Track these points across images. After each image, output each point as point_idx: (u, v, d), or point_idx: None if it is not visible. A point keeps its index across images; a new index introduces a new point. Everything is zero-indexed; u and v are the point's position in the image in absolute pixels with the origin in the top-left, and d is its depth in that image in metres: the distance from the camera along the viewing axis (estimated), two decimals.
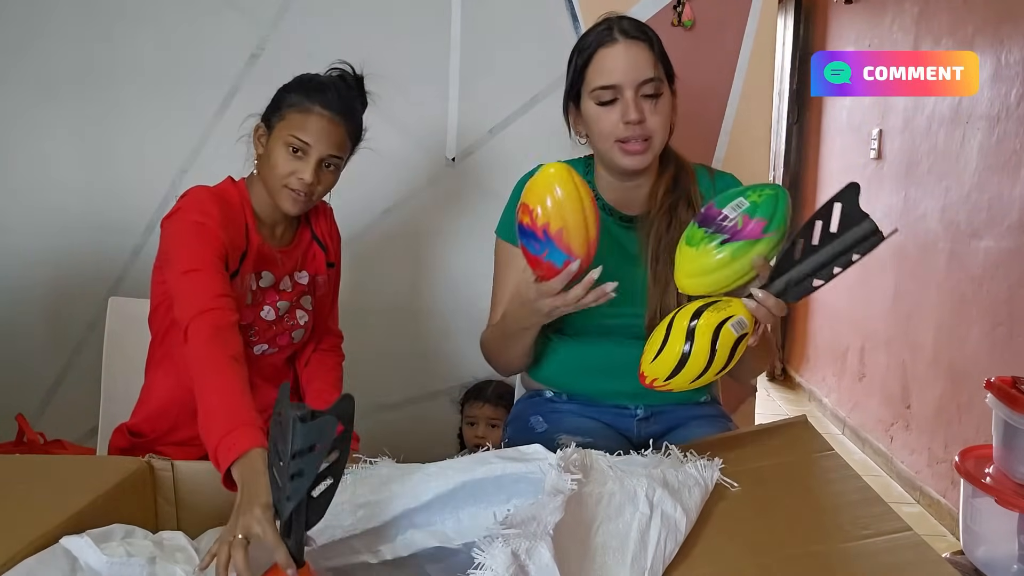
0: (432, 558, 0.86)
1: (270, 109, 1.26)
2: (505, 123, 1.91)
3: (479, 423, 1.91)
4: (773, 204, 0.95)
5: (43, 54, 1.90)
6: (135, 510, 0.89)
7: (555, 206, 0.94)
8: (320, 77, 1.27)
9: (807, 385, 3.86)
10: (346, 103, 1.25)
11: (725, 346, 0.93)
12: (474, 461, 0.83)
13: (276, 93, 1.26)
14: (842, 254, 0.91)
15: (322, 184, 1.23)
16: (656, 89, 1.16)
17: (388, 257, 2.00)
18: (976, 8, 2.36)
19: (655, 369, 0.97)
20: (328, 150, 1.21)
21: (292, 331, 1.33)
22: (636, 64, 1.15)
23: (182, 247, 1.16)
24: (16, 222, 1.95)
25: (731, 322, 0.93)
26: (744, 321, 0.94)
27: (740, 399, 2.00)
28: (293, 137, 1.19)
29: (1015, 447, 1.68)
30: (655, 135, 1.17)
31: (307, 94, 1.22)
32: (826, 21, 3.66)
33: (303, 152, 1.20)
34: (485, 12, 1.89)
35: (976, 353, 2.32)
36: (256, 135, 1.27)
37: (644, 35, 1.18)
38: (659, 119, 1.17)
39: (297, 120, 1.20)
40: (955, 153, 2.46)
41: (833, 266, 0.92)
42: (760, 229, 0.94)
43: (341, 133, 1.23)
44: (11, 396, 1.96)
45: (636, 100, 1.15)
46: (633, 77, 1.15)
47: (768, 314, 0.95)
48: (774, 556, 0.74)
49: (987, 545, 1.80)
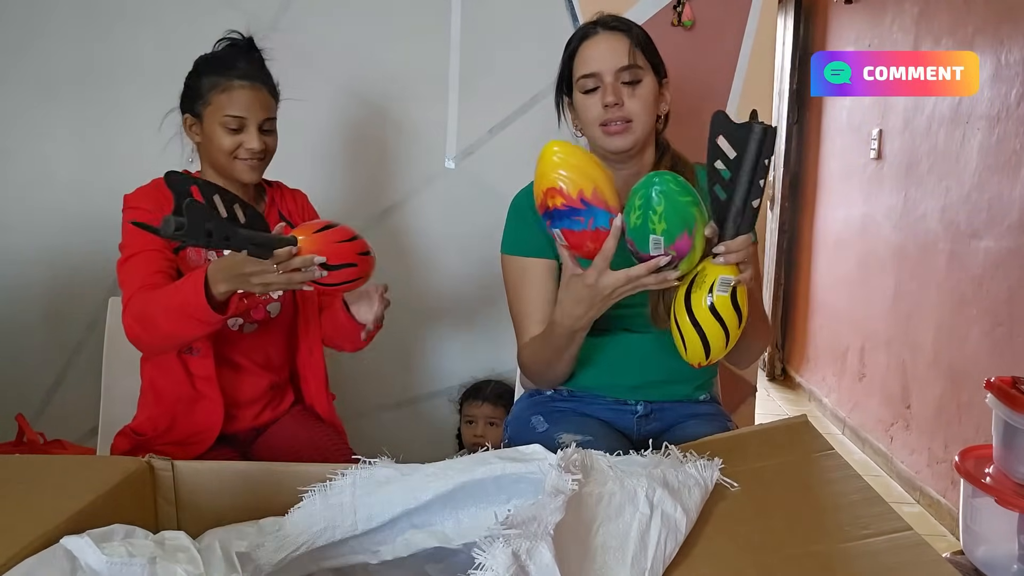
0: (432, 558, 0.86)
1: (189, 99, 1.30)
2: (505, 123, 1.91)
3: (478, 422, 1.91)
4: (674, 211, 0.95)
5: (43, 54, 1.90)
6: (135, 510, 0.89)
7: (575, 171, 0.98)
8: (218, 54, 1.32)
9: (807, 385, 3.86)
10: (256, 67, 1.31)
11: (727, 309, 1.00)
12: (474, 461, 0.83)
13: (187, 81, 1.31)
14: (756, 167, 0.95)
15: (268, 146, 1.30)
16: (635, 76, 1.21)
17: (388, 257, 2.00)
18: (976, 8, 2.36)
19: (692, 357, 1.06)
20: (262, 114, 1.28)
21: (267, 304, 1.36)
22: (614, 52, 1.21)
23: (123, 241, 1.27)
24: (16, 222, 1.96)
25: (716, 287, 0.99)
26: (727, 277, 0.99)
27: (740, 399, 2.00)
28: (228, 116, 1.26)
29: (1015, 447, 1.68)
30: (636, 118, 1.21)
31: (220, 73, 1.27)
32: (826, 21, 3.65)
33: (241, 126, 1.27)
34: (485, 12, 1.89)
35: (976, 353, 2.32)
36: (187, 127, 1.32)
37: (624, 26, 1.23)
38: (638, 103, 1.21)
39: (223, 100, 1.26)
40: (955, 153, 2.46)
41: (757, 180, 0.96)
42: (687, 239, 0.97)
43: (264, 96, 1.30)
44: (11, 396, 1.96)
45: (615, 85, 1.20)
46: (611, 64, 1.20)
47: (740, 255, 0.99)
48: (774, 556, 0.74)
49: (987, 545, 1.80)
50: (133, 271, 1.23)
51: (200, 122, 1.29)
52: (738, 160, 0.96)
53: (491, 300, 1.98)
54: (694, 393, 1.33)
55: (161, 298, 1.16)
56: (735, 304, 1.00)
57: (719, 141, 0.97)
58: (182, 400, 1.32)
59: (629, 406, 1.30)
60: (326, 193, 1.97)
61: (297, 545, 0.81)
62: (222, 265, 1.11)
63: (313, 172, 1.96)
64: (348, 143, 1.96)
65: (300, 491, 0.84)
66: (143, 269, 1.22)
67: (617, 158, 1.25)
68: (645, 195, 0.95)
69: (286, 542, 0.81)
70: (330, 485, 0.84)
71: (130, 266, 1.24)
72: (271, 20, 1.88)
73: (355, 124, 1.95)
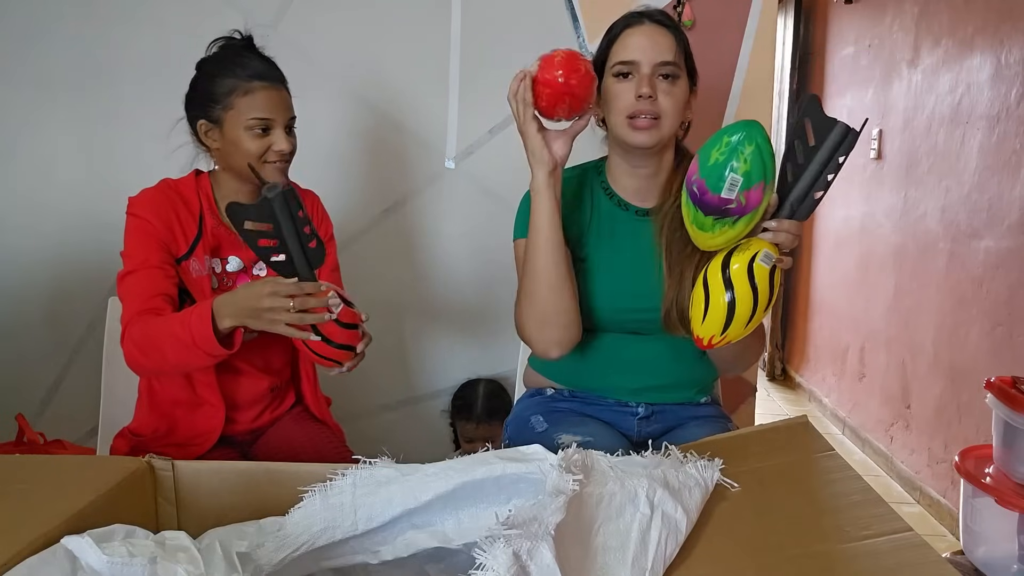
0: (432, 558, 0.86)
1: (204, 104, 1.26)
2: (505, 123, 1.91)
3: (476, 441, 1.91)
4: (759, 159, 0.96)
5: (43, 54, 1.90)
6: (136, 510, 0.88)
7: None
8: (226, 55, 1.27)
9: (807, 385, 3.86)
10: (271, 66, 1.28)
11: (763, 280, 0.99)
12: (474, 462, 0.83)
13: (199, 87, 1.27)
14: (828, 161, 0.99)
15: (293, 146, 1.28)
16: (673, 73, 1.19)
17: (388, 257, 2.00)
18: (976, 8, 2.36)
19: (708, 328, 1.02)
20: (288, 113, 1.27)
21: None
22: (657, 45, 1.19)
23: (125, 250, 1.24)
24: (16, 222, 1.95)
25: (759, 257, 0.99)
26: (770, 253, 1.00)
27: (740, 399, 2.00)
28: (254, 119, 1.22)
29: (1015, 447, 1.68)
30: (665, 115, 1.19)
31: (236, 75, 1.23)
32: (826, 21, 3.66)
33: (268, 127, 1.24)
34: (485, 12, 1.89)
35: (976, 353, 2.32)
36: (202, 133, 1.27)
37: (670, 23, 1.22)
38: (671, 101, 1.19)
39: (246, 103, 1.23)
40: (955, 153, 2.46)
41: (826, 174, 0.99)
42: (761, 192, 0.97)
43: (285, 95, 1.28)
44: (11, 396, 1.96)
45: (651, 78, 1.18)
46: (652, 56, 1.18)
47: (788, 237, 1.02)
48: (775, 557, 0.74)
49: (987, 545, 1.80)
50: (133, 290, 1.20)
51: (219, 127, 1.25)
52: (814, 149, 0.98)
53: (491, 300, 1.98)
54: (695, 396, 1.33)
55: (165, 327, 1.13)
56: (771, 281, 1.00)
57: (805, 123, 0.98)
58: (182, 405, 1.32)
59: (630, 408, 1.29)
60: (326, 193, 1.96)
61: (297, 545, 0.81)
62: (231, 299, 1.10)
63: (313, 172, 1.95)
64: (348, 143, 1.96)
65: (300, 491, 0.84)
66: (143, 290, 1.19)
67: (637, 154, 1.23)
68: (738, 134, 0.95)
69: (286, 542, 0.81)
70: (330, 485, 0.84)
71: (130, 283, 1.21)
72: (271, 20, 1.88)
73: (355, 124, 1.95)
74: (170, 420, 1.32)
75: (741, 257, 1.00)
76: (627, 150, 1.23)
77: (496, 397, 1.94)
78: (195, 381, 1.30)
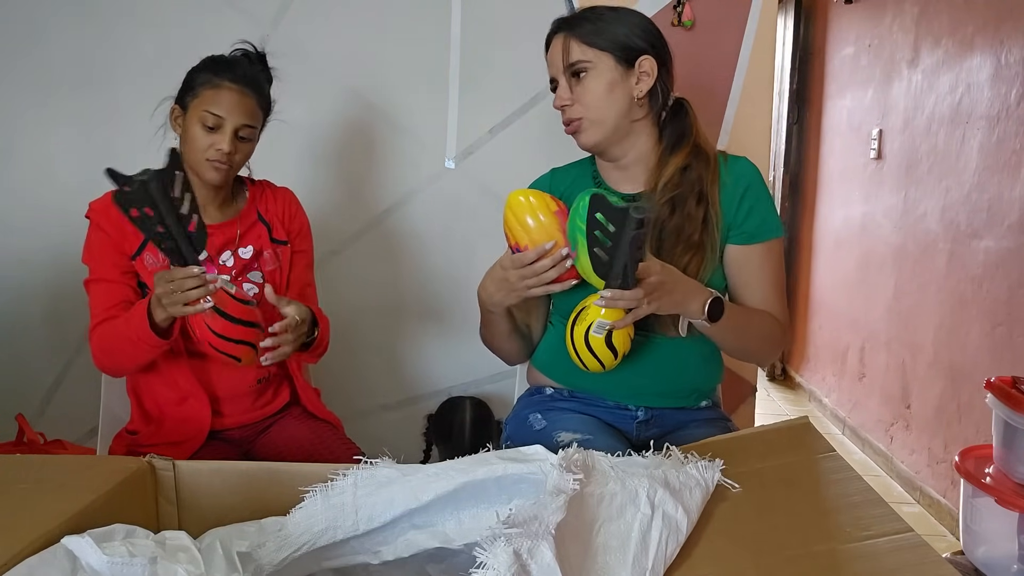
0: (433, 559, 0.86)
1: (183, 91, 1.31)
2: (505, 123, 1.91)
3: None
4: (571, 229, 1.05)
5: (43, 54, 1.90)
6: (136, 510, 0.88)
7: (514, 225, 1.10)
8: (226, 56, 1.33)
9: (807, 385, 3.86)
10: (252, 76, 1.31)
11: (600, 347, 1.09)
12: (475, 462, 0.83)
13: (187, 75, 1.32)
14: (632, 239, 0.98)
15: (239, 153, 1.30)
16: (579, 69, 1.19)
17: (388, 256, 2.00)
18: (976, 8, 2.36)
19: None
20: (241, 120, 1.28)
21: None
22: (556, 54, 1.21)
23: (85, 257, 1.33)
24: (17, 222, 1.95)
25: (592, 329, 1.08)
26: (603, 323, 1.07)
27: (740, 399, 2.00)
28: (207, 113, 1.26)
29: (1015, 447, 1.68)
30: (585, 112, 1.19)
31: (216, 72, 1.28)
32: (826, 21, 3.66)
33: (218, 125, 1.26)
34: (485, 12, 1.89)
35: (976, 353, 2.32)
36: (172, 116, 1.32)
37: (565, 25, 1.21)
38: (587, 95, 1.19)
39: (209, 96, 1.26)
40: (955, 153, 2.46)
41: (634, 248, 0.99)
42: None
43: (251, 104, 1.30)
44: (11, 396, 1.96)
45: (563, 87, 1.21)
46: (556, 67, 1.21)
47: (626, 303, 1.04)
48: (775, 557, 0.74)
49: (987, 545, 1.80)
50: (96, 300, 1.29)
51: (184, 115, 1.29)
52: (616, 234, 0.99)
53: None
54: (695, 402, 1.32)
55: (116, 328, 1.23)
56: (610, 345, 1.09)
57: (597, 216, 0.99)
58: (167, 401, 1.34)
59: (630, 411, 1.29)
60: (326, 193, 1.97)
61: (298, 545, 0.81)
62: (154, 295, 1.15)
63: (313, 172, 1.96)
64: (348, 143, 1.96)
65: (301, 491, 0.84)
66: (104, 301, 1.28)
67: (602, 157, 1.25)
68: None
69: (287, 542, 0.81)
70: (331, 485, 0.84)
71: (94, 292, 1.30)
72: (271, 20, 1.88)
73: (355, 124, 1.95)
74: (158, 417, 1.34)
75: (579, 329, 1.10)
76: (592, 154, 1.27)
77: (484, 424, 1.89)
78: (175, 375, 1.32)
